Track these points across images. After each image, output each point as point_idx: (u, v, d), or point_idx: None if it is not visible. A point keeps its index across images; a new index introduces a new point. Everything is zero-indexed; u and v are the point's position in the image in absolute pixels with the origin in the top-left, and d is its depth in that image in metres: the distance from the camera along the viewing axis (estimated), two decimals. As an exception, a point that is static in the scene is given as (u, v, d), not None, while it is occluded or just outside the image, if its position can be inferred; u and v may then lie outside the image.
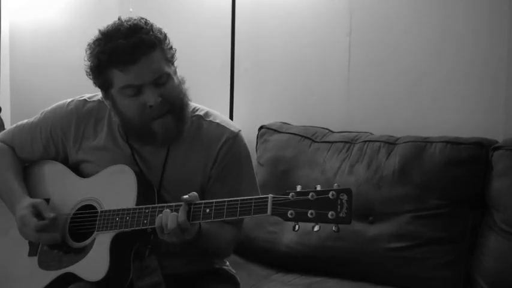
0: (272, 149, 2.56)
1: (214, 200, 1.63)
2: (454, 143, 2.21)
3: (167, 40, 1.79)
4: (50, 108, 1.99)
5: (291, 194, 1.51)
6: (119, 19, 1.77)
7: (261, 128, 2.68)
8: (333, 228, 1.49)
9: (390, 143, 2.33)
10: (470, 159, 2.17)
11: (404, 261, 2.19)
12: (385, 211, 2.25)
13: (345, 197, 1.48)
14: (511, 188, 2.09)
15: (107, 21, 1.79)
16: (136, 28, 1.73)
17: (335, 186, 1.50)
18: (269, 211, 1.53)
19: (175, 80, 1.80)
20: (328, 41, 2.71)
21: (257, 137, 2.67)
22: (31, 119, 2.01)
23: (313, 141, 2.50)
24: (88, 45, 1.78)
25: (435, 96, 2.50)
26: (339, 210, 1.47)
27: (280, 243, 2.40)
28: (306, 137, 2.52)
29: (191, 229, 1.63)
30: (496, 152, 2.14)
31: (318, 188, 1.51)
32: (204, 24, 2.96)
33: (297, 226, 1.52)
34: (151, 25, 1.76)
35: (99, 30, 1.77)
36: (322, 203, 1.48)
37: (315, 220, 1.49)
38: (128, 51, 1.69)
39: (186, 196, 1.62)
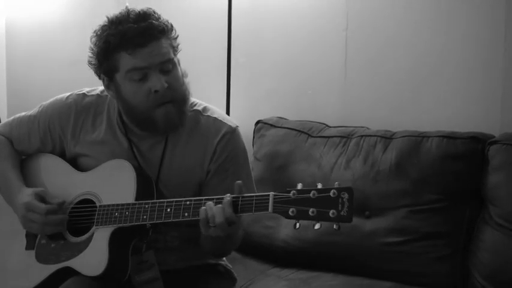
0: (269, 144, 2.56)
1: (216, 197, 1.63)
2: (450, 137, 2.21)
3: (174, 30, 1.81)
4: (48, 101, 1.99)
5: (292, 192, 1.52)
6: (126, 8, 1.78)
7: (257, 122, 2.68)
8: (334, 227, 1.50)
9: (387, 138, 2.33)
10: (466, 153, 2.17)
11: (400, 255, 2.19)
12: (381, 206, 2.25)
13: (346, 196, 1.48)
14: (507, 182, 2.09)
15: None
16: (145, 15, 1.75)
17: (336, 184, 1.51)
18: (270, 209, 1.54)
19: (179, 71, 1.81)
20: (325, 35, 2.71)
21: (254, 132, 2.67)
22: (29, 112, 2.01)
23: (310, 136, 2.50)
24: (94, 32, 1.79)
25: (432, 91, 2.50)
26: (340, 208, 1.48)
27: (277, 238, 2.40)
28: (302, 132, 2.52)
29: (238, 223, 1.62)
30: (493, 146, 2.15)
31: (319, 186, 1.52)
32: (201, 18, 2.95)
33: (297, 224, 1.53)
34: (159, 14, 1.79)
35: (107, 17, 1.78)
36: (323, 202, 1.49)
37: (316, 218, 1.50)
38: (138, 35, 1.71)
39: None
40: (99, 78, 1.84)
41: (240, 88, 2.88)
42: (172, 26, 1.80)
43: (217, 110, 1.94)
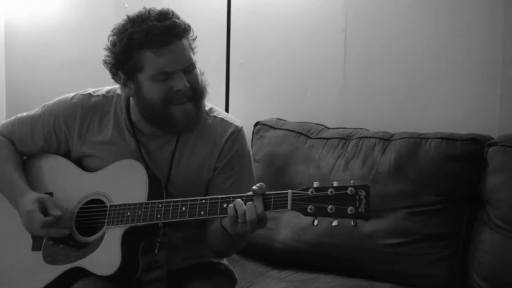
0: (268, 145, 2.56)
1: (237, 195, 1.64)
2: (449, 139, 2.21)
3: (192, 31, 1.82)
4: (52, 101, 1.98)
5: (310, 190, 1.55)
6: (144, 8, 1.79)
7: (256, 124, 2.68)
8: (352, 223, 1.53)
9: (385, 139, 2.33)
10: (465, 155, 2.18)
11: (399, 257, 2.20)
12: (380, 207, 2.24)
13: (363, 193, 1.51)
14: (505, 183, 2.09)
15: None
16: (167, 14, 1.77)
17: (352, 182, 1.54)
18: (289, 206, 1.56)
19: (198, 70, 1.84)
20: (324, 37, 2.71)
21: (253, 133, 2.66)
22: (32, 112, 1.99)
23: (309, 137, 2.50)
24: (112, 31, 1.79)
25: (430, 93, 2.50)
26: (357, 205, 1.51)
27: (276, 239, 2.40)
28: (301, 133, 2.52)
29: (266, 220, 1.62)
30: (491, 148, 2.15)
31: (335, 184, 1.55)
32: (200, 19, 2.92)
33: (316, 221, 1.55)
34: (178, 15, 1.80)
35: (128, 16, 1.78)
36: (341, 199, 1.52)
37: (334, 215, 1.53)
38: (163, 32, 1.72)
39: (256, 187, 1.60)
40: (115, 75, 1.83)
41: (239, 89, 2.88)
42: (190, 26, 1.81)
43: (222, 110, 1.97)
